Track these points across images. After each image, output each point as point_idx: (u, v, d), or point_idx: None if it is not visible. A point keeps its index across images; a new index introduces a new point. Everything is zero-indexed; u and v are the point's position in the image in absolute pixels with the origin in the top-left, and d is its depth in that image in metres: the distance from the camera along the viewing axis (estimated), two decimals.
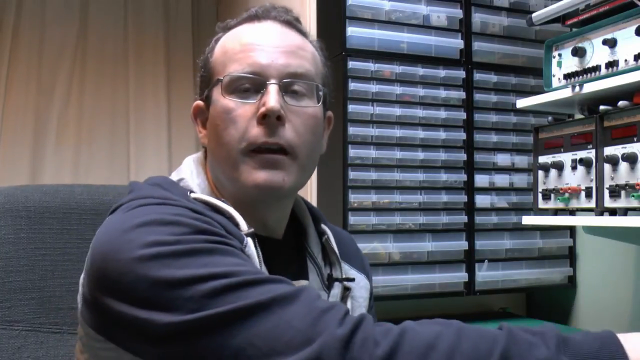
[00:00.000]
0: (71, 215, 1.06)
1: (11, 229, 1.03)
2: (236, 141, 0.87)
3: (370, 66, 1.97)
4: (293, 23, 0.95)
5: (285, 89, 0.88)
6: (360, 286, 1.03)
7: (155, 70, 3.38)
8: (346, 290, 0.99)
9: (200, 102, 0.96)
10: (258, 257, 0.83)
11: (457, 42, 2.08)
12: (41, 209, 1.06)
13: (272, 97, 0.85)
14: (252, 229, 0.84)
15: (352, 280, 1.00)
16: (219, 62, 0.93)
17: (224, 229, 0.80)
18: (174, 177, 0.94)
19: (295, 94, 0.90)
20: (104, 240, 0.76)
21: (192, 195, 0.87)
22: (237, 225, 0.84)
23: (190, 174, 0.94)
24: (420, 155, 2.01)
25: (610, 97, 1.53)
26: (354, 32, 1.96)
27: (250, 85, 0.88)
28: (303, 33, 0.97)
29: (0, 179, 3.04)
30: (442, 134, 2.05)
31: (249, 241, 0.83)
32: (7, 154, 3.12)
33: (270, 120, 0.85)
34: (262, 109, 0.85)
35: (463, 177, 2.06)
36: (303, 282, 0.96)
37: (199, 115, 0.97)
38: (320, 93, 0.93)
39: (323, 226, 1.03)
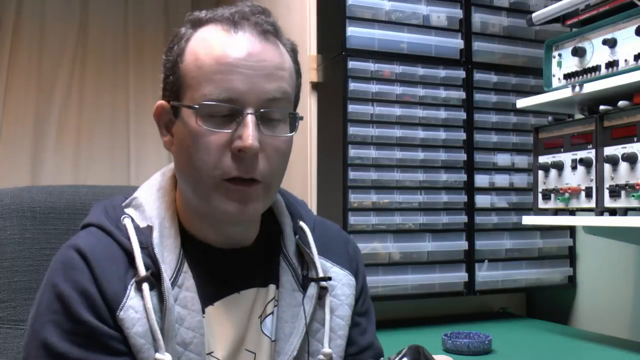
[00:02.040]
0: (76, 216, 1.07)
1: (16, 230, 1.04)
2: (209, 168, 0.86)
3: (370, 66, 1.97)
4: (271, 32, 0.90)
5: (263, 117, 0.86)
6: (343, 283, 1.00)
7: (155, 70, 3.35)
8: (323, 289, 0.99)
9: (164, 103, 0.92)
10: (164, 293, 0.86)
11: (457, 42, 2.09)
12: (46, 209, 1.06)
13: (250, 133, 0.83)
14: (147, 273, 0.86)
15: (328, 279, 0.98)
16: (192, 75, 0.87)
17: (107, 295, 0.83)
18: (134, 194, 0.96)
19: (271, 122, 0.88)
20: (44, 280, 0.88)
21: (124, 221, 0.90)
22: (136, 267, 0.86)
23: (148, 188, 0.96)
24: (420, 155, 2.02)
25: (610, 97, 1.54)
26: (354, 32, 1.96)
27: (226, 112, 0.85)
28: (279, 38, 0.92)
29: (0, 179, 3.04)
30: (442, 134, 2.05)
31: (144, 287, 0.85)
32: (7, 153, 3.12)
33: (246, 155, 0.84)
34: (239, 144, 0.84)
35: (463, 177, 2.07)
36: (271, 287, 0.96)
37: (162, 117, 0.93)
38: (297, 123, 0.91)
39: (301, 223, 1.02)
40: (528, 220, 1.79)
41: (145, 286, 0.84)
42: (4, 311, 1.02)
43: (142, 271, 0.85)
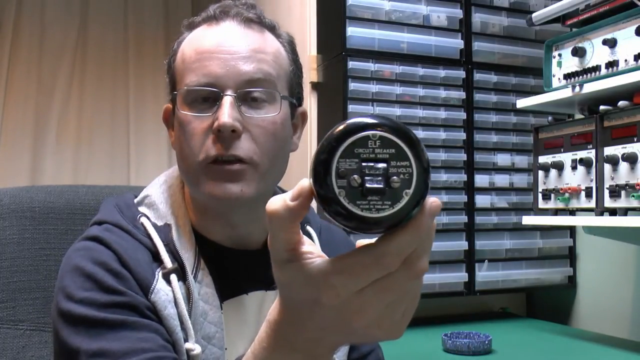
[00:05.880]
0: (75, 216, 1.07)
1: (16, 230, 1.04)
2: (195, 154, 0.87)
3: (370, 66, 1.97)
4: (254, 20, 0.91)
5: (244, 98, 0.87)
6: None
7: (155, 69, 3.39)
8: None
9: (168, 105, 0.96)
10: (190, 287, 0.86)
11: (457, 42, 2.08)
12: (46, 209, 1.06)
13: (225, 112, 0.84)
14: (175, 266, 0.86)
15: None
16: (178, 70, 0.92)
17: (136, 276, 0.83)
18: (143, 192, 0.96)
19: (254, 102, 0.88)
20: (60, 272, 0.87)
21: (141, 220, 0.91)
22: (161, 261, 0.87)
23: (158, 186, 0.96)
24: None
25: (610, 97, 1.54)
26: (354, 32, 1.96)
27: (207, 96, 0.87)
28: (268, 27, 0.94)
29: (0, 179, 3.04)
30: (442, 134, 2.05)
31: (172, 278, 0.85)
32: (7, 154, 3.13)
33: (224, 134, 0.85)
34: (216, 124, 0.85)
35: (463, 177, 2.07)
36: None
37: (168, 118, 0.97)
38: (281, 100, 0.90)
39: (308, 228, 1.02)
40: (528, 220, 1.79)
41: (174, 277, 0.85)
42: (4, 311, 1.02)
43: (169, 263, 0.86)
